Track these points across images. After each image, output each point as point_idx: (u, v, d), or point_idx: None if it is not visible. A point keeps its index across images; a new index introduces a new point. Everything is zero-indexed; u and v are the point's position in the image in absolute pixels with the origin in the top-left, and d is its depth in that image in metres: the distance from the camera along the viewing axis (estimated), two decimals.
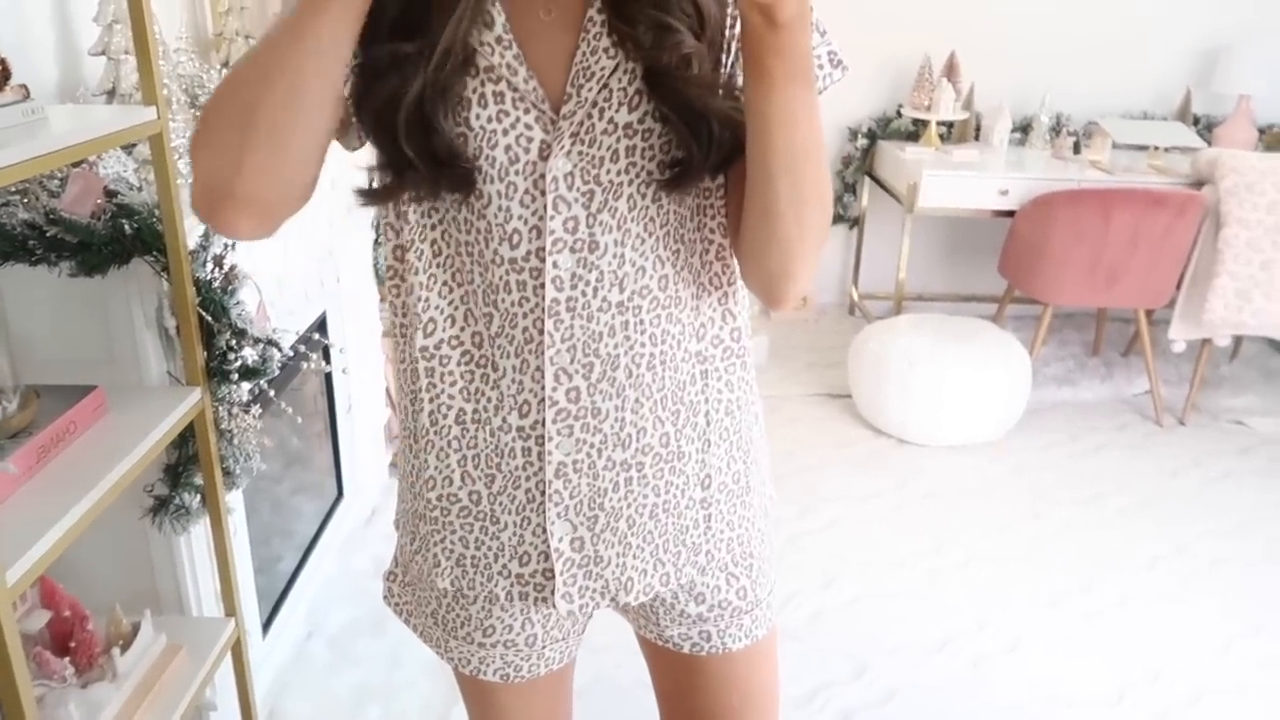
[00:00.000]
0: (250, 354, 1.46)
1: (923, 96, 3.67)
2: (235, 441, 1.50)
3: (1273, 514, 2.75)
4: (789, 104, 0.70)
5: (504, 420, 0.83)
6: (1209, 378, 3.53)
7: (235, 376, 1.46)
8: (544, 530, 0.86)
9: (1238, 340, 3.74)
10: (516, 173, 0.77)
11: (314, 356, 1.66)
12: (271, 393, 1.55)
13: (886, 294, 3.93)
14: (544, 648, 0.96)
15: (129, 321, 1.41)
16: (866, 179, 3.95)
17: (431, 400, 0.86)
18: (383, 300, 2.64)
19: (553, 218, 0.77)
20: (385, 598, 1.03)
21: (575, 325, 0.80)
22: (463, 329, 0.83)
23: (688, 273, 0.83)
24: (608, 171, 0.77)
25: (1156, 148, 3.53)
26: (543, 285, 0.79)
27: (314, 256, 2.09)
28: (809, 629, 2.22)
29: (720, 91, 0.77)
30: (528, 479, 0.85)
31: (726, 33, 0.78)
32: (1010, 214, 3.34)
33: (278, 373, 1.50)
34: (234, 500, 1.64)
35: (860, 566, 2.45)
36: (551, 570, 0.87)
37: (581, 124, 0.76)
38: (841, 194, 3.99)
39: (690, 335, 0.85)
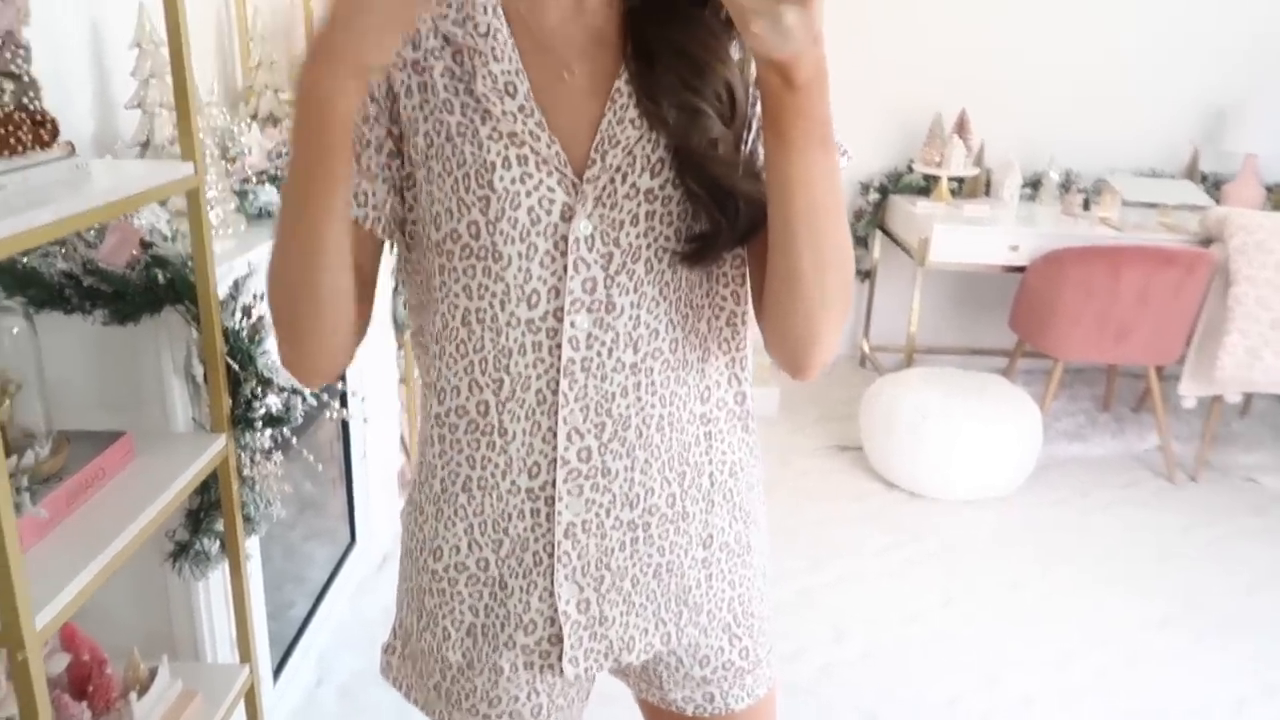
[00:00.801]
0: (274, 402, 1.49)
1: (934, 152, 3.73)
2: (256, 488, 1.52)
3: None
4: (809, 166, 0.71)
5: (512, 483, 0.84)
6: (1220, 434, 3.53)
7: (259, 424, 1.48)
8: (551, 594, 0.86)
9: (1249, 397, 3.74)
10: (538, 234, 0.78)
11: (334, 404, 1.68)
12: (294, 440, 1.58)
13: (897, 347, 3.96)
14: (549, 716, 0.95)
15: (158, 369, 1.44)
16: (878, 232, 3.99)
17: (444, 467, 0.87)
18: (399, 348, 2.67)
19: (572, 278, 0.79)
20: (383, 671, 1.01)
21: (589, 385, 0.81)
22: (468, 398, 0.84)
23: (695, 336, 0.84)
24: (627, 235, 0.79)
25: (1165, 205, 3.56)
26: (559, 345, 0.80)
27: None
28: (819, 683, 2.21)
29: (741, 170, 0.78)
30: (535, 540, 0.85)
31: (749, 111, 0.80)
32: (1021, 269, 3.37)
33: (300, 421, 1.52)
34: (251, 546, 1.65)
35: (870, 621, 2.45)
36: (558, 635, 0.87)
37: (604, 188, 0.78)
38: (853, 247, 4.03)
39: (696, 397, 0.86)
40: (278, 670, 1.98)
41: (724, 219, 0.78)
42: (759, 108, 0.77)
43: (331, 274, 0.77)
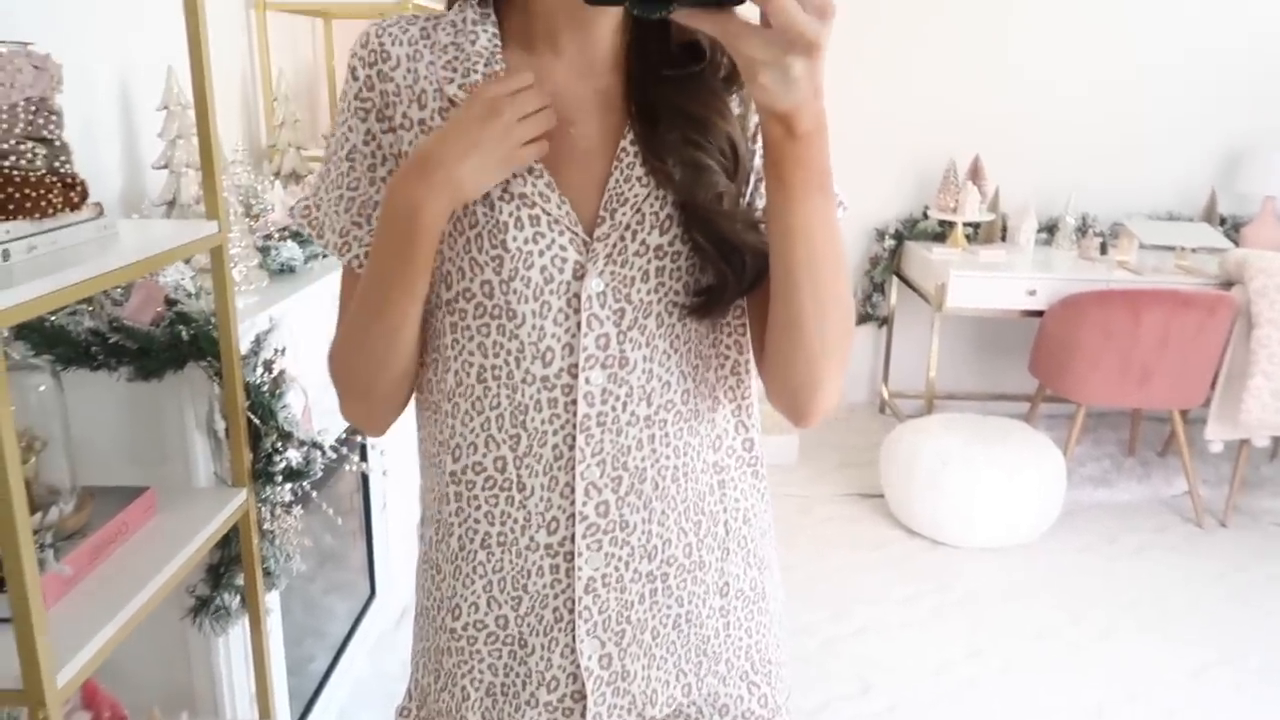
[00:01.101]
0: (295, 456, 1.50)
1: (948, 198, 3.75)
2: (277, 542, 1.53)
3: None
4: (810, 214, 0.72)
5: (531, 539, 0.84)
6: (1249, 478, 3.47)
7: (280, 478, 1.49)
8: (573, 650, 0.85)
9: (1277, 440, 3.69)
10: (551, 292, 0.79)
11: (354, 458, 1.69)
12: (314, 494, 1.58)
13: (917, 393, 3.94)
14: None
15: (181, 424, 1.46)
16: (895, 279, 4.00)
17: (461, 525, 0.87)
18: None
19: (586, 335, 0.80)
20: None
21: (605, 439, 0.81)
22: (484, 454, 0.84)
23: (705, 387, 0.85)
24: (638, 291, 0.80)
25: (1184, 248, 3.56)
26: (574, 401, 0.81)
27: None
28: None
29: (740, 222, 0.80)
30: (555, 597, 0.85)
31: (749, 164, 0.81)
32: (1039, 314, 3.36)
33: (320, 474, 1.53)
34: (271, 600, 1.65)
35: (896, 673, 2.40)
36: (581, 692, 0.86)
37: (614, 246, 0.79)
38: (870, 293, 4.05)
39: (708, 446, 0.87)
40: None
41: (730, 271, 0.79)
42: (759, 160, 0.79)
43: (408, 353, 0.84)
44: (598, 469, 0.82)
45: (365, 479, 2.36)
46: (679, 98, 0.79)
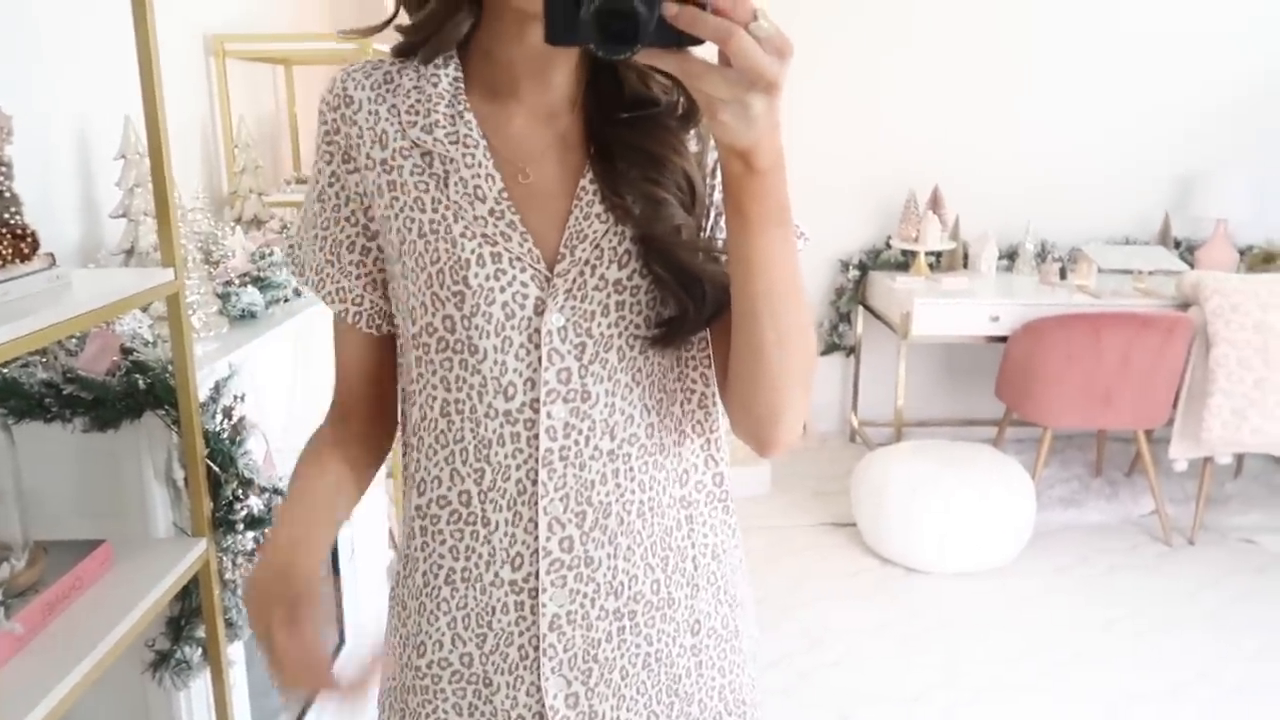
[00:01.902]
0: (256, 503, 1.48)
1: (910, 228, 3.80)
2: (239, 591, 1.50)
3: None
4: (769, 246, 0.73)
5: (495, 575, 0.84)
6: (1214, 495, 3.52)
7: (240, 526, 1.47)
8: (538, 689, 0.84)
9: (1240, 457, 3.75)
10: (513, 328, 0.80)
11: None
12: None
13: (886, 420, 3.97)
14: None
15: (138, 474, 1.43)
16: (860, 309, 4.04)
17: (425, 560, 0.87)
18: None
19: (547, 369, 0.80)
20: None
21: (568, 474, 0.81)
22: (449, 488, 0.84)
23: (670, 420, 0.86)
24: (599, 325, 0.81)
25: (1140, 271, 3.63)
26: (536, 436, 0.81)
27: (319, 405, 2.13)
28: None
29: (703, 254, 0.81)
30: (520, 634, 0.84)
31: (708, 198, 0.83)
32: (1003, 339, 3.40)
33: None
34: (234, 652, 1.62)
35: (874, 702, 2.39)
36: None
37: (574, 281, 0.80)
38: (837, 323, 4.08)
39: (675, 481, 0.87)
40: None
41: (691, 302, 0.80)
42: (719, 194, 0.80)
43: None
44: (561, 504, 0.82)
45: None
46: (635, 136, 0.80)
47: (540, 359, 0.80)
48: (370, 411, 0.92)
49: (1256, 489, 3.65)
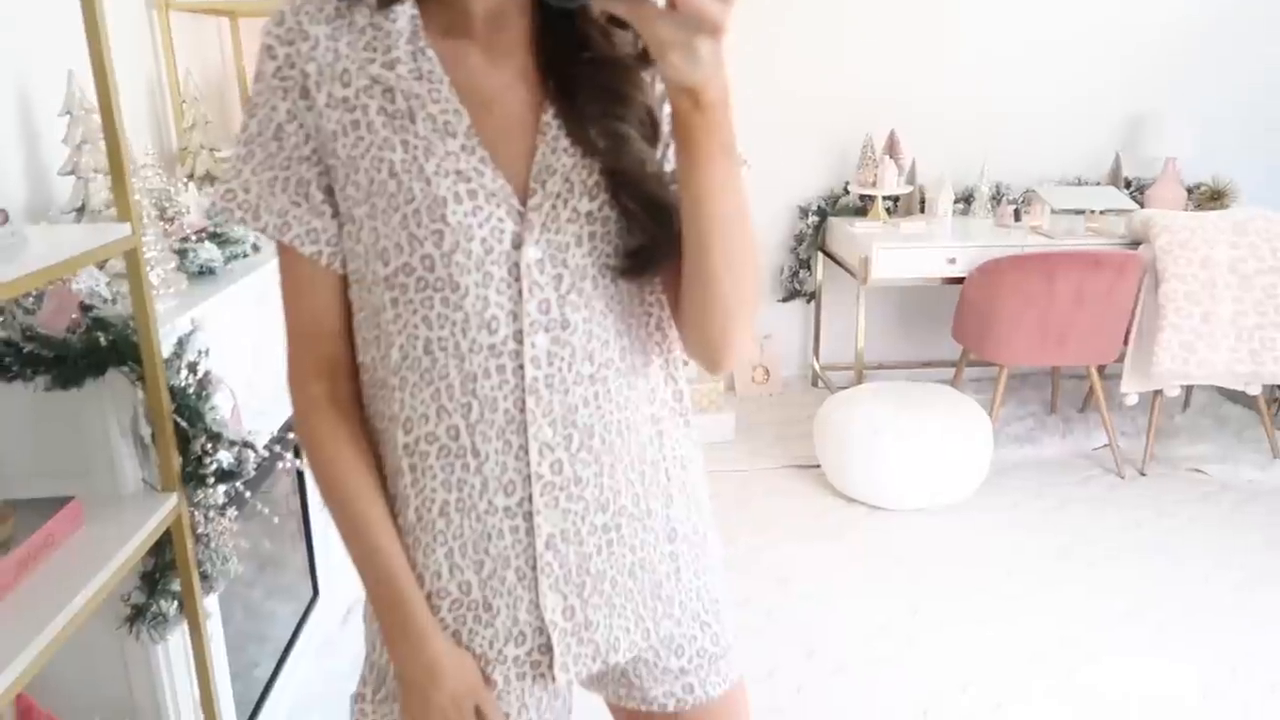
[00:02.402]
0: (226, 457, 1.48)
1: (868, 174, 3.82)
2: (212, 545, 1.51)
3: (1239, 559, 2.82)
4: (716, 177, 0.78)
5: (489, 503, 0.86)
6: (1164, 428, 3.63)
7: (211, 480, 1.47)
8: (537, 606, 0.89)
9: (1189, 390, 3.86)
10: (492, 262, 0.82)
11: (288, 456, 1.68)
12: (247, 494, 1.56)
13: (847, 364, 4.02)
14: None
15: (105, 431, 1.43)
16: (820, 255, 4.07)
17: (417, 496, 0.88)
18: None
19: (528, 301, 0.83)
20: None
21: (554, 400, 0.85)
22: (436, 424, 0.85)
23: (638, 343, 0.90)
24: (573, 256, 0.84)
25: (1092, 211, 3.69)
26: (521, 366, 0.83)
27: (283, 357, 2.12)
28: (794, 704, 2.22)
29: (666, 184, 0.84)
30: (517, 556, 0.88)
31: (662, 130, 0.85)
32: (959, 281, 3.46)
33: (253, 474, 1.51)
34: (210, 604, 1.63)
35: (841, 636, 2.47)
36: (548, 645, 0.90)
37: (548, 214, 0.82)
38: (797, 270, 4.11)
39: (645, 399, 0.91)
40: None
41: (661, 230, 0.83)
42: (667, 127, 0.83)
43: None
44: (549, 429, 0.85)
45: (301, 480, 2.34)
46: (595, 73, 0.82)
47: (521, 291, 0.83)
48: (353, 367, 0.90)
49: (1204, 421, 3.77)
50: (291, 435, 2.08)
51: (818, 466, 3.34)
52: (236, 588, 1.93)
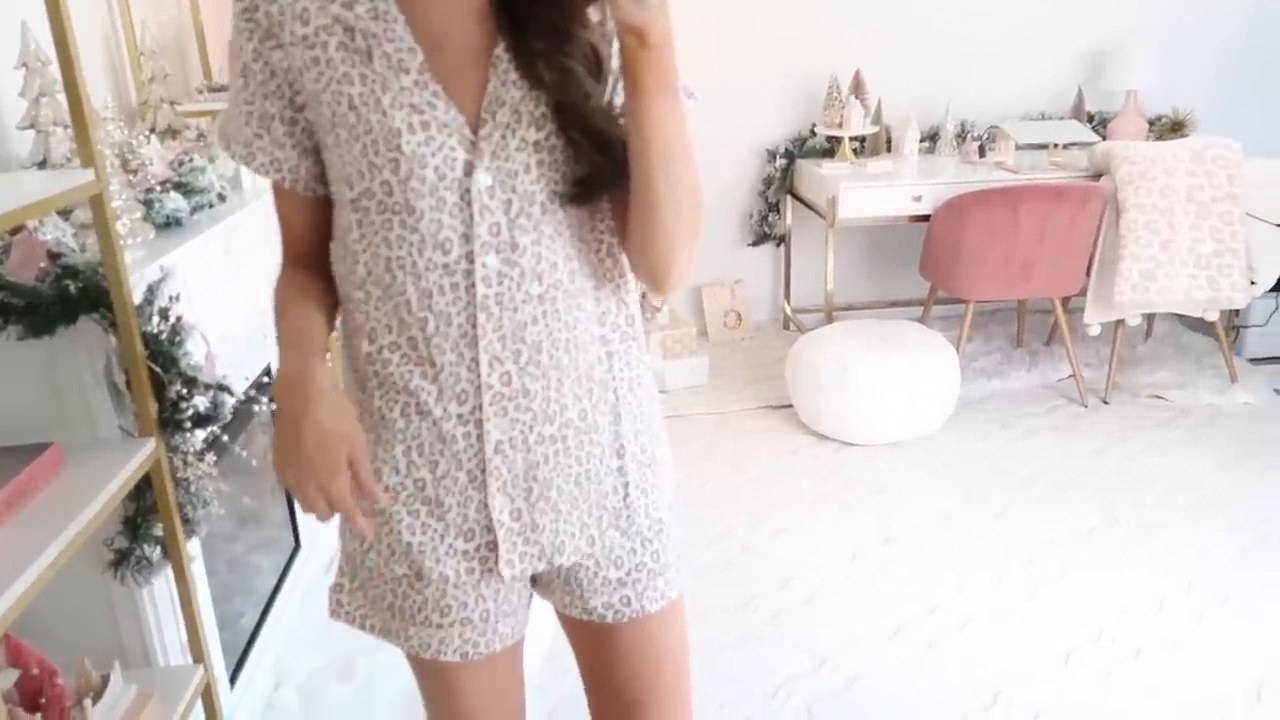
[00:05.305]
0: (201, 401, 1.50)
1: (834, 115, 3.84)
2: (192, 489, 1.54)
3: (1194, 479, 2.91)
4: (662, 111, 0.85)
5: (444, 409, 0.93)
6: (1127, 357, 3.71)
7: (188, 425, 1.50)
8: (485, 505, 0.96)
9: (1150, 321, 3.94)
10: (445, 188, 0.88)
11: (264, 400, 1.70)
12: (225, 438, 1.59)
13: (819, 307, 4.07)
14: (497, 622, 1.03)
15: (79, 379, 1.45)
16: (789, 198, 4.09)
17: (382, 398, 0.96)
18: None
19: (479, 224, 0.89)
20: (333, 612, 1.08)
21: (504, 317, 0.91)
22: (398, 335, 0.93)
23: (588, 267, 0.96)
24: (522, 182, 0.89)
25: (1056, 145, 3.73)
26: (473, 285, 0.90)
27: (255, 309, 2.13)
28: (769, 628, 2.29)
29: (609, 117, 0.90)
30: (469, 459, 0.95)
31: (609, 66, 0.91)
32: (926, 219, 3.50)
33: (230, 418, 1.54)
34: (194, 549, 1.66)
35: (814, 566, 2.54)
36: (494, 542, 0.97)
37: (498, 144, 0.88)
38: (766, 214, 4.13)
39: (594, 321, 0.97)
40: (233, 677, 1.98)
41: (605, 161, 0.90)
42: (616, 62, 0.88)
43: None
44: (499, 343, 0.91)
45: None
46: (542, 10, 0.87)
47: (472, 215, 0.89)
48: (322, 260, 0.99)
49: (1165, 350, 3.85)
50: (266, 379, 2.10)
51: (790, 406, 3.40)
52: (219, 543, 1.96)
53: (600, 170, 0.90)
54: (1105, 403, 3.45)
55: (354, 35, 0.86)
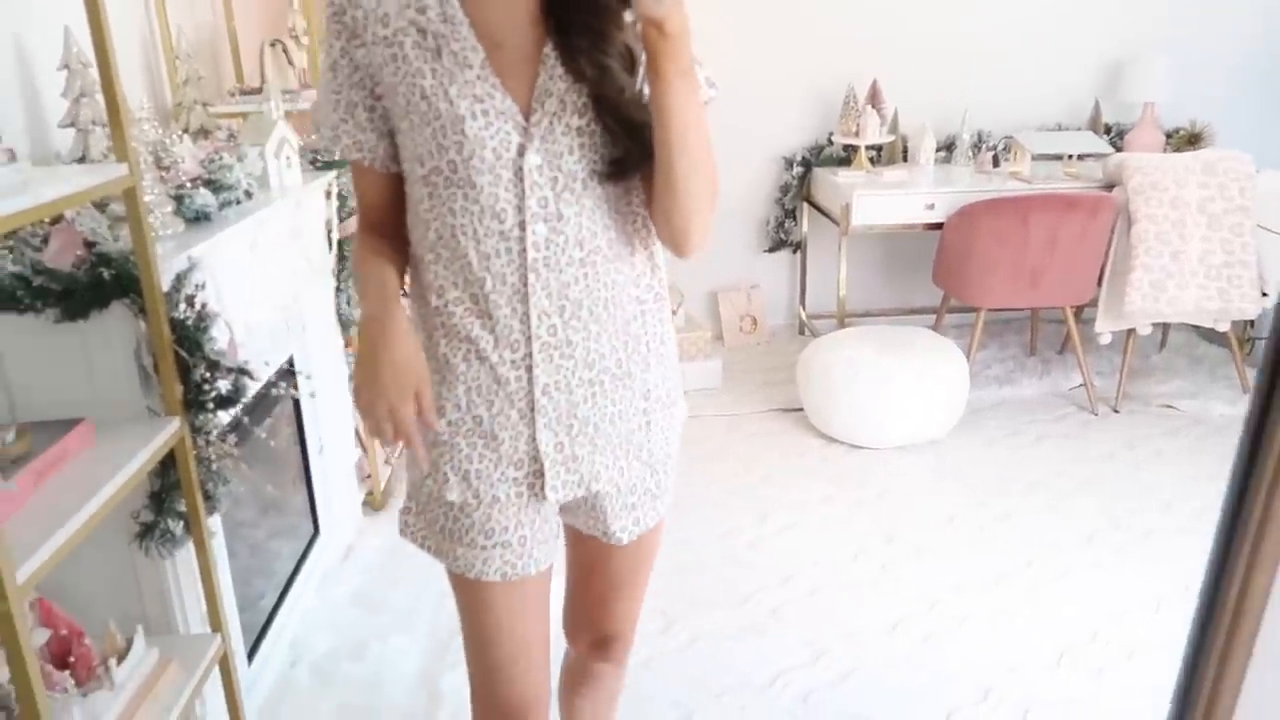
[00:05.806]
0: (224, 384, 1.59)
1: (850, 124, 3.89)
2: (214, 467, 1.62)
3: (1198, 487, 2.93)
4: (679, 95, 0.99)
5: (500, 356, 1.10)
6: (1139, 367, 3.73)
7: (211, 406, 1.59)
8: (534, 440, 1.13)
9: (1165, 331, 3.95)
10: (502, 166, 1.04)
11: (284, 384, 1.78)
12: (246, 419, 1.67)
13: (834, 313, 4.11)
14: (533, 548, 1.20)
15: (110, 361, 1.54)
16: (806, 205, 4.15)
17: (446, 343, 1.12)
18: (348, 347, 2.76)
19: (530, 197, 1.05)
20: (401, 531, 1.25)
21: (550, 277, 1.07)
22: (462, 292, 1.09)
23: (623, 235, 1.12)
24: (566, 162, 1.05)
25: (1070, 156, 3.76)
26: (525, 249, 1.06)
27: (279, 304, 2.22)
28: (769, 622, 2.34)
29: (641, 108, 1.03)
30: (520, 399, 1.12)
31: (640, 62, 1.05)
32: (939, 227, 3.54)
33: (250, 399, 1.62)
34: (215, 525, 1.75)
35: (817, 563, 2.59)
36: (541, 470, 1.14)
37: (546, 129, 1.04)
38: (783, 220, 4.19)
39: (630, 283, 1.13)
40: (252, 653, 2.07)
41: (635, 145, 1.05)
42: (643, 56, 1.02)
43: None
44: (546, 300, 1.08)
45: (300, 424, 2.45)
46: (583, 15, 1.03)
47: (524, 190, 1.05)
48: (395, 226, 1.16)
49: (1179, 360, 3.87)
50: (287, 365, 2.19)
51: (801, 410, 3.45)
52: (241, 529, 2.05)
53: (631, 152, 1.05)
54: (1116, 411, 3.47)
55: (426, 36, 1.02)
